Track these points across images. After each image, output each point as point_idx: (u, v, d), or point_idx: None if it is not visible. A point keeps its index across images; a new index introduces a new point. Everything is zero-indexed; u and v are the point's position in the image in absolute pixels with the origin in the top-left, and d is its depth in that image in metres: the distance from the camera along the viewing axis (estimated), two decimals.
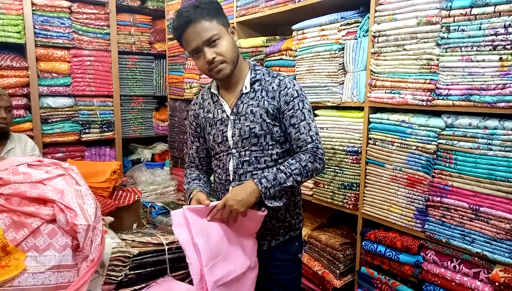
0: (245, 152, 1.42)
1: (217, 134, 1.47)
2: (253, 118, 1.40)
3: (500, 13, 1.41)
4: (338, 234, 2.19)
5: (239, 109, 1.43)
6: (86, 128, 3.45)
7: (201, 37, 1.32)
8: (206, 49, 1.33)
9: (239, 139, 1.42)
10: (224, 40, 1.35)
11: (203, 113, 1.53)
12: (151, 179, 3.53)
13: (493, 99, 1.45)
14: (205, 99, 1.55)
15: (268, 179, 1.31)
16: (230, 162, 1.45)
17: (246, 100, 1.42)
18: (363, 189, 1.98)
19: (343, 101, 2.05)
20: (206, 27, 1.32)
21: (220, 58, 1.34)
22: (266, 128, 1.40)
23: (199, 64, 1.39)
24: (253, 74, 1.45)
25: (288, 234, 1.52)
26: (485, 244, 1.51)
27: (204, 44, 1.33)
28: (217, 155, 1.51)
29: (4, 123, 2.34)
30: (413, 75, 1.71)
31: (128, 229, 2.11)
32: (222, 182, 1.50)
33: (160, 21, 3.82)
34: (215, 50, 1.34)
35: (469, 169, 1.54)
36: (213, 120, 1.49)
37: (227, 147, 1.45)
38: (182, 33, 1.34)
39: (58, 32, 3.19)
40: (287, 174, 1.32)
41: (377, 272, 1.90)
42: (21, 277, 1.18)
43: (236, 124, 1.42)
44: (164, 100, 3.92)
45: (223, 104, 1.46)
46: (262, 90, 1.42)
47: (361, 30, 1.96)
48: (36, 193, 1.24)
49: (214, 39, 1.33)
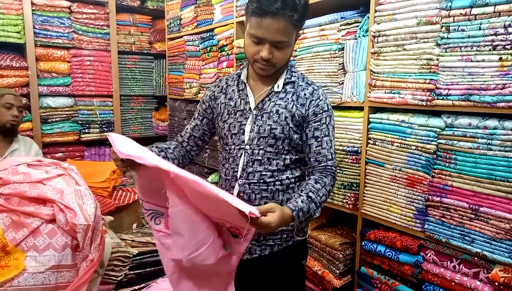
0: (259, 151, 1.36)
1: (234, 124, 1.39)
2: (277, 119, 1.34)
3: (500, 13, 1.41)
4: (337, 234, 2.19)
5: (264, 106, 1.36)
6: (85, 128, 3.45)
7: (273, 35, 1.23)
8: (268, 46, 1.25)
9: (256, 136, 1.35)
10: (289, 49, 1.30)
11: (224, 99, 1.44)
12: None
13: (492, 99, 1.45)
14: (230, 85, 1.46)
15: (303, 211, 1.23)
16: (241, 158, 1.38)
17: (274, 98, 1.36)
18: (363, 188, 1.98)
19: (343, 101, 2.05)
20: (284, 31, 1.23)
21: (273, 62, 1.29)
22: (287, 133, 1.34)
23: (250, 49, 1.30)
24: (289, 74, 1.39)
25: (291, 240, 1.43)
26: (485, 244, 1.51)
27: (270, 42, 1.25)
28: (227, 146, 1.43)
29: (15, 121, 2.42)
30: (413, 75, 1.71)
31: (127, 228, 2.11)
32: (228, 178, 1.41)
33: (160, 21, 3.82)
34: (275, 53, 1.27)
35: (469, 168, 1.54)
36: (233, 109, 1.40)
37: (241, 141, 1.38)
38: (260, 15, 1.20)
39: (58, 32, 3.19)
40: (317, 204, 1.28)
41: (376, 272, 1.90)
42: (20, 277, 1.18)
43: (257, 120, 1.36)
44: (164, 100, 3.92)
45: (248, 95, 1.39)
46: (293, 93, 1.36)
47: (361, 30, 1.96)
48: (36, 192, 1.24)
49: (283, 46, 1.26)
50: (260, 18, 1.21)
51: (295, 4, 1.20)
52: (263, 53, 1.26)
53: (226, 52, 2.85)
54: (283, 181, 1.37)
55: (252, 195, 1.36)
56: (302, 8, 1.23)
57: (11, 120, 2.39)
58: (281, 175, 1.37)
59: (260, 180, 1.36)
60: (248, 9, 1.26)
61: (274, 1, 1.18)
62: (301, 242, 1.48)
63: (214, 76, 3.00)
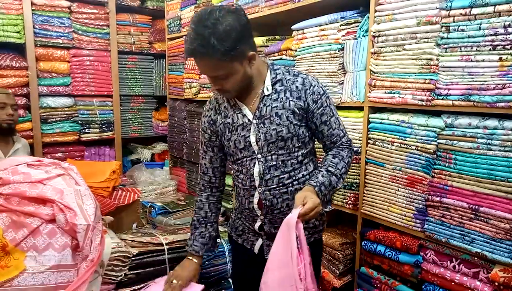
0: (272, 156, 1.36)
1: (238, 140, 1.39)
2: (280, 121, 1.34)
3: (499, 13, 1.41)
4: (337, 233, 2.19)
5: (262, 113, 1.35)
6: (85, 128, 3.45)
7: (208, 72, 1.27)
8: (212, 80, 1.30)
9: (265, 143, 1.35)
10: (233, 77, 1.27)
11: (221, 119, 1.44)
12: (150, 179, 3.53)
13: (492, 99, 1.45)
14: (221, 103, 1.45)
15: (325, 185, 1.30)
16: (255, 167, 1.38)
17: (269, 102, 1.35)
18: (363, 188, 1.98)
19: (342, 101, 2.05)
20: (214, 67, 1.23)
21: (226, 89, 1.31)
22: (293, 131, 1.35)
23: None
24: (273, 74, 1.38)
25: (313, 237, 1.48)
26: (485, 244, 1.51)
27: (211, 77, 1.29)
28: (238, 160, 1.43)
29: (11, 121, 2.41)
30: (412, 75, 1.71)
31: (127, 228, 2.11)
32: (246, 188, 1.42)
33: (160, 21, 3.82)
34: (222, 83, 1.28)
35: (468, 168, 1.54)
36: (233, 126, 1.40)
37: (251, 152, 1.38)
38: (189, 56, 1.24)
39: (58, 32, 3.19)
40: (337, 176, 1.34)
41: (376, 272, 1.90)
42: (20, 277, 1.18)
43: (260, 128, 1.35)
44: (163, 100, 3.92)
45: (242, 108, 1.38)
46: (285, 90, 1.35)
47: (360, 30, 1.96)
48: (36, 192, 1.24)
49: (222, 77, 1.26)
50: (193, 58, 1.24)
51: (210, 44, 1.15)
52: (212, 85, 1.32)
53: None
54: (300, 179, 1.39)
55: (273, 200, 1.38)
56: (221, 42, 1.16)
57: (7, 119, 2.38)
58: (297, 174, 1.39)
59: (280, 184, 1.37)
60: (185, 53, 1.27)
61: (190, 43, 1.19)
62: (318, 240, 1.53)
63: None
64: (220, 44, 1.16)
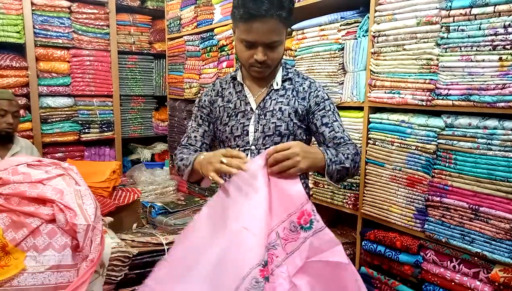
0: (265, 150, 1.35)
1: (236, 126, 1.39)
2: (281, 116, 1.35)
3: (499, 13, 1.41)
4: (337, 234, 2.19)
5: (266, 105, 1.37)
6: (85, 128, 3.45)
7: (265, 37, 1.22)
8: (262, 49, 1.25)
9: (261, 135, 1.36)
10: (281, 47, 1.29)
11: (222, 102, 1.43)
12: (150, 179, 3.53)
13: (492, 99, 1.45)
14: (225, 88, 1.45)
15: (332, 153, 1.23)
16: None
17: (275, 96, 1.38)
18: (363, 188, 1.98)
19: (342, 101, 2.05)
20: (275, 30, 1.21)
21: (268, 63, 1.28)
22: (291, 129, 1.36)
23: (243, 54, 1.29)
24: (285, 71, 1.41)
25: None
26: (485, 244, 1.51)
27: (263, 44, 1.24)
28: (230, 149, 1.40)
29: (10, 129, 2.34)
30: (412, 75, 1.71)
31: (127, 228, 2.11)
32: None
33: (160, 21, 3.82)
34: (269, 54, 1.26)
35: (468, 168, 1.54)
36: (233, 111, 1.40)
37: (245, 142, 1.38)
38: (248, 20, 1.19)
39: (58, 32, 3.19)
40: (345, 155, 1.25)
41: (376, 272, 1.90)
42: (20, 277, 1.18)
43: (260, 120, 1.36)
44: (164, 100, 3.92)
45: (248, 96, 1.39)
46: (293, 89, 1.39)
47: (360, 30, 1.96)
48: (36, 192, 1.24)
49: (276, 45, 1.26)
50: (249, 22, 1.20)
51: (281, 2, 1.19)
52: (257, 56, 1.26)
53: (226, 52, 2.85)
54: None
55: None
56: (288, 4, 1.22)
57: (6, 128, 2.29)
58: None
59: None
60: (235, 16, 1.25)
61: (260, 3, 1.17)
62: None
63: (214, 76, 3.00)
64: (288, 5, 1.21)
